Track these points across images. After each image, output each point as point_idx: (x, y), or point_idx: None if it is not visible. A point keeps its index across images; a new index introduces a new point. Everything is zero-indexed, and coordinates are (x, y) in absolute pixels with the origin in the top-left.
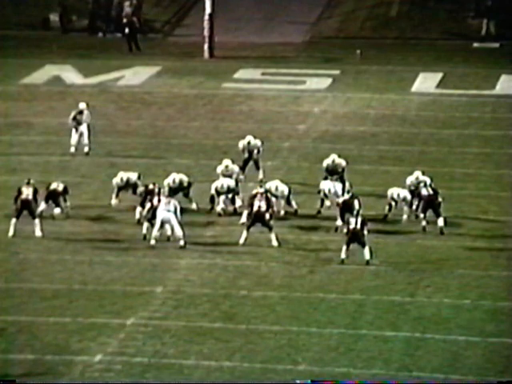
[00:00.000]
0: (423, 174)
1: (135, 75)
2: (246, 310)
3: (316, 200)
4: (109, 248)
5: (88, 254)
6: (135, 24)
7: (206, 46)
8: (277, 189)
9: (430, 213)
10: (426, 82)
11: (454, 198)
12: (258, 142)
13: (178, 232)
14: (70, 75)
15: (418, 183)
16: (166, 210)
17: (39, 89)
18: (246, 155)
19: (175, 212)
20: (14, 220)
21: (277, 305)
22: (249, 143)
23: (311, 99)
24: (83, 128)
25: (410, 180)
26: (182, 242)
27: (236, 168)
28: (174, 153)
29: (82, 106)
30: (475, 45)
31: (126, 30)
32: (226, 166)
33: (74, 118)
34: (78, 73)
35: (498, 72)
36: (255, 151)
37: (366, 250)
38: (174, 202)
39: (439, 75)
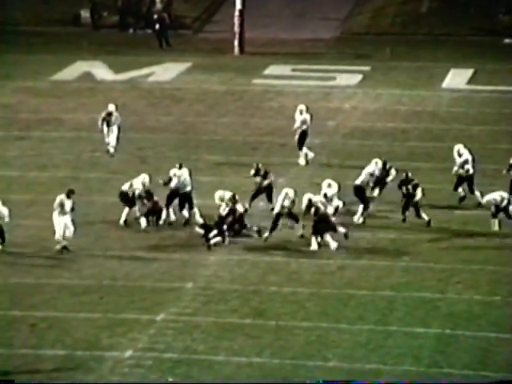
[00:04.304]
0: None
1: (165, 71)
2: (276, 306)
3: (345, 196)
4: (139, 244)
5: (118, 250)
6: (166, 20)
7: (236, 42)
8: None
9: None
10: (456, 78)
11: (485, 194)
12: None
13: (69, 233)
14: (101, 71)
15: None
16: (64, 211)
17: (70, 85)
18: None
19: (72, 210)
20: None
21: (306, 301)
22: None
23: (341, 95)
24: (114, 128)
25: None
26: (66, 243)
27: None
28: (204, 149)
29: (111, 108)
30: (506, 41)
31: (157, 26)
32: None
33: (104, 120)
34: (109, 69)
35: None
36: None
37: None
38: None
39: (470, 71)
